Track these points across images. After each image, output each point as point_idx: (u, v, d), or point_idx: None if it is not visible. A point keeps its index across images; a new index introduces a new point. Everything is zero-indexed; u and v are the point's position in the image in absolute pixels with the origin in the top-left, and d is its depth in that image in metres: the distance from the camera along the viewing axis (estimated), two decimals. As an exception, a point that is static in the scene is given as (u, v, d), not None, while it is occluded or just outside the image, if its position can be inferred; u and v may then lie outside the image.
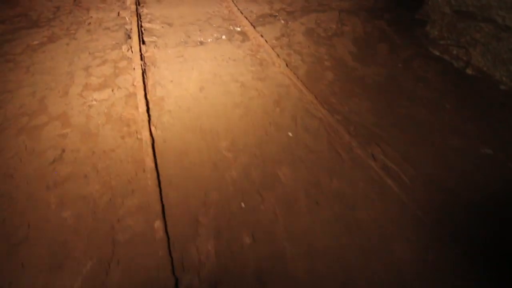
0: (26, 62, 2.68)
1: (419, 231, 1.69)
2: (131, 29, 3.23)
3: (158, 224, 1.52)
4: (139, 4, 3.71)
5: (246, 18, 3.66)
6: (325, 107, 2.49)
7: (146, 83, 2.57)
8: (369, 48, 3.49)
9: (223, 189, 1.81)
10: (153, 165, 1.85)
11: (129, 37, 3.13)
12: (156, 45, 3.09)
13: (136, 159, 1.93)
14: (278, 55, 3.10)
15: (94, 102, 2.33)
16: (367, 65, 3.18)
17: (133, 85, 2.52)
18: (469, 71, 3.28)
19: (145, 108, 2.29)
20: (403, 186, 1.90)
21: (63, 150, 1.93)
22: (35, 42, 2.97)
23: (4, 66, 2.60)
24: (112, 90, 2.45)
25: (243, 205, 1.71)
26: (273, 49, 3.20)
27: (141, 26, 3.33)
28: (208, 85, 2.63)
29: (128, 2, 3.71)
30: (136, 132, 2.13)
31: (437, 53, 3.59)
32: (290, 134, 2.23)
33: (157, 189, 1.72)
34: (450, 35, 3.59)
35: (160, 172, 1.86)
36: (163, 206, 1.66)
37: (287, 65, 2.97)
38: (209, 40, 3.30)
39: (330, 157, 2.06)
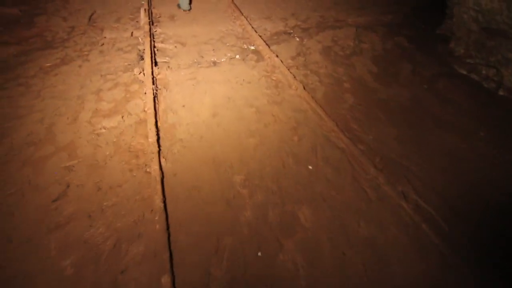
0: (38, 85, 2.62)
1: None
2: (143, 49, 3.15)
3: (166, 279, 1.36)
4: (152, 24, 3.65)
5: (261, 37, 3.55)
6: (346, 135, 2.31)
7: (157, 109, 2.45)
8: (390, 67, 3.30)
9: (237, 233, 1.64)
10: (161, 205, 1.71)
11: (142, 58, 3.06)
12: (168, 66, 2.99)
13: (144, 196, 1.79)
14: (294, 76, 2.95)
15: (103, 130, 2.22)
16: (389, 86, 2.99)
17: (144, 111, 2.41)
18: (501, 92, 3.04)
19: (155, 137, 2.17)
20: (441, 233, 1.68)
21: (68, 185, 1.81)
22: (48, 64, 2.92)
23: (16, 90, 2.54)
24: (122, 117, 2.34)
25: (259, 254, 1.54)
26: (289, 69, 3.05)
27: (154, 46, 3.26)
28: (221, 111, 2.50)
29: (142, 22, 3.65)
30: (145, 165, 2.00)
31: (464, 72, 3.36)
32: (310, 167, 2.05)
33: (165, 234, 1.56)
34: (478, 53, 3.37)
35: (169, 213, 1.71)
36: (171, 254, 1.50)
37: (304, 88, 2.81)
38: (222, 60, 3.19)
39: (355, 196, 1.87)
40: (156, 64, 3.01)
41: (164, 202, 1.75)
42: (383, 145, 2.26)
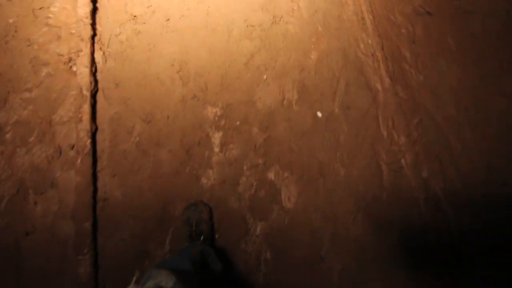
0: None
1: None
2: None
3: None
4: None
5: None
6: (389, 69, 1.52)
7: None
8: None
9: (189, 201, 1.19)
10: (88, 143, 1.14)
11: None
12: None
13: (61, 117, 1.18)
14: None
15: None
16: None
17: None
18: None
19: (89, 5, 1.31)
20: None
21: None
22: None
23: None
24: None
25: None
26: None
27: None
28: (209, -25, 1.50)
29: None
30: (70, 59, 1.26)
31: None
32: (319, 114, 1.40)
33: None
34: None
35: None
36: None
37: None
38: None
39: (365, 175, 1.34)
40: None
41: (93, 139, 1.17)
42: (434, 97, 1.53)
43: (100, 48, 1.32)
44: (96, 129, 1.21)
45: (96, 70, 1.28)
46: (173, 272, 0.71)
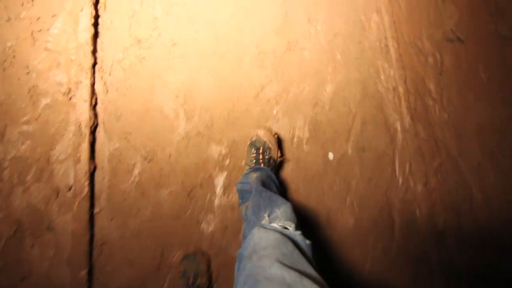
0: None
1: None
2: None
3: None
4: None
5: None
6: (411, 103, 1.40)
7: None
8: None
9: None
10: (86, 184, 1.09)
11: None
12: None
13: (57, 156, 1.14)
14: None
15: (-3, -11, 1.22)
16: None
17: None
18: None
19: (91, 31, 1.22)
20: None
21: None
22: None
23: None
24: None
25: None
26: None
27: None
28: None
29: None
30: (69, 88, 1.20)
31: None
32: (330, 156, 1.31)
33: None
34: None
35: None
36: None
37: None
38: None
39: (380, 225, 1.27)
40: None
41: (91, 179, 1.12)
42: (458, 138, 1.41)
43: (102, 77, 1.24)
44: (95, 167, 1.16)
45: (96, 103, 1.22)
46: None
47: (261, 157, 1.16)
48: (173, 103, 1.27)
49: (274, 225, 0.71)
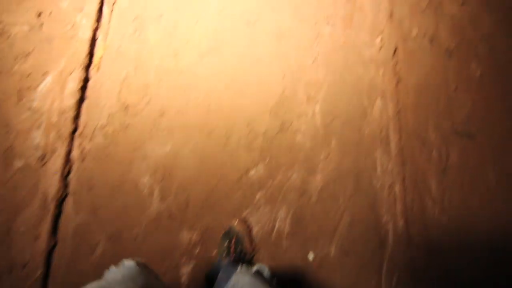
0: None
1: None
2: None
3: None
4: None
5: None
6: (406, 207, 1.28)
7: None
8: None
9: None
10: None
11: None
12: None
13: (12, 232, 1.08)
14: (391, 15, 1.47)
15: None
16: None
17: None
18: None
19: (77, 96, 1.19)
20: None
21: None
22: None
23: None
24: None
25: None
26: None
27: None
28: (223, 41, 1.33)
29: None
30: (44, 157, 1.15)
31: None
32: (310, 256, 1.20)
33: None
34: None
35: None
36: None
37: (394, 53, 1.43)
38: None
39: None
40: None
41: (49, 256, 1.06)
42: (457, 250, 1.27)
43: (80, 144, 1.20)
44: (56, 243, 1.10)
45: (69, 172, 1.16)
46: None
47: (232, 248, 1.08)
48: (150, 179, 1.20)
49: None
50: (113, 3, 1.39)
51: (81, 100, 1.22)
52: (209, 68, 1.35)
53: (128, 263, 0.72)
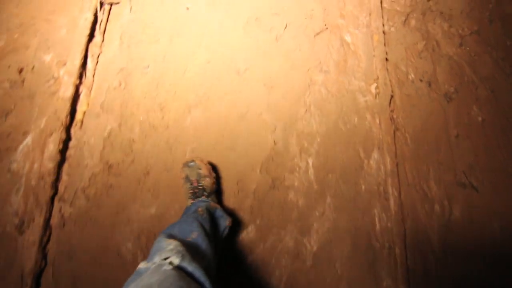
0: None
1: None
2: None
3: None
4: None
5: None
6: (407, 269, 1.20)
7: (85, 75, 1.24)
8: None
9: None
10: None
11: None
12: None
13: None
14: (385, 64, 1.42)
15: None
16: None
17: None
18: None
19: (57, 158, 1.13)
20: None
21: None
22: None
23: None
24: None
25: None
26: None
27: None
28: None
29: None
30: (22, 224, 1.09)
31: None
32: (305, 328, 1.11)
33: None
34: None
35: None
36: None
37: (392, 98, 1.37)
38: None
39: None
40: None
41: None
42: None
43: (60, 209, 1.13)
44: (30, 322, 1.02)
45: (49, 239, 1.10)
46: (182, 244, 0.73)
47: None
48: (133, 245, 1.13)
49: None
50: (98, 55, 1.35)
51: (61, 162, 1.17)
52: (197, 122, 1.30)
53: (165, 269, 0.64)
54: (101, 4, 1.38)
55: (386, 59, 1.48)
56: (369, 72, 1.44)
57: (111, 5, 1.43)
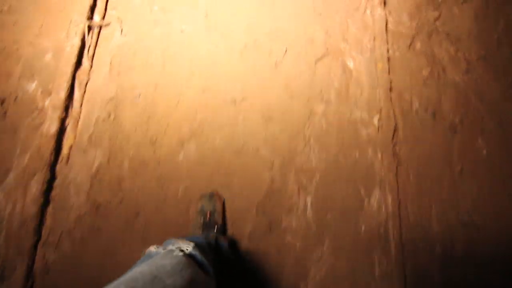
0: None
1: None
2: None
3: None
4: None
5: None
6: None
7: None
8: None
9: None
10: None
11: None
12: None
13: None
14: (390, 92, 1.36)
15: None
16: None
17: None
18: None
19: (38, 203, 1.06)
20: None
21: None
22: None
23: None
24: None
25: None
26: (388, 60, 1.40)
27: None
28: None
29: None
30: (3, 271, 1.03)
31: None
32: None
33: None
34: None
35: None
36: None
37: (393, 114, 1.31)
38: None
39: None
40: None
41: None
42: None
43: (44, 255, 1.07)
44: None
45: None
46: (192, 240, 0.77)
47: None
48: (122, 293, 1.08)
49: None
50: (86, 82, 1.27)
51: (45, 204, 1.10)
52: (190, 156, 1.23)
53: (176, 254, 0.68)
54: (89, 28, 1.29)
55: (390, 88, 1.42)
56: (372, 102, 1.38)
57: (100, 27, 1.34)
